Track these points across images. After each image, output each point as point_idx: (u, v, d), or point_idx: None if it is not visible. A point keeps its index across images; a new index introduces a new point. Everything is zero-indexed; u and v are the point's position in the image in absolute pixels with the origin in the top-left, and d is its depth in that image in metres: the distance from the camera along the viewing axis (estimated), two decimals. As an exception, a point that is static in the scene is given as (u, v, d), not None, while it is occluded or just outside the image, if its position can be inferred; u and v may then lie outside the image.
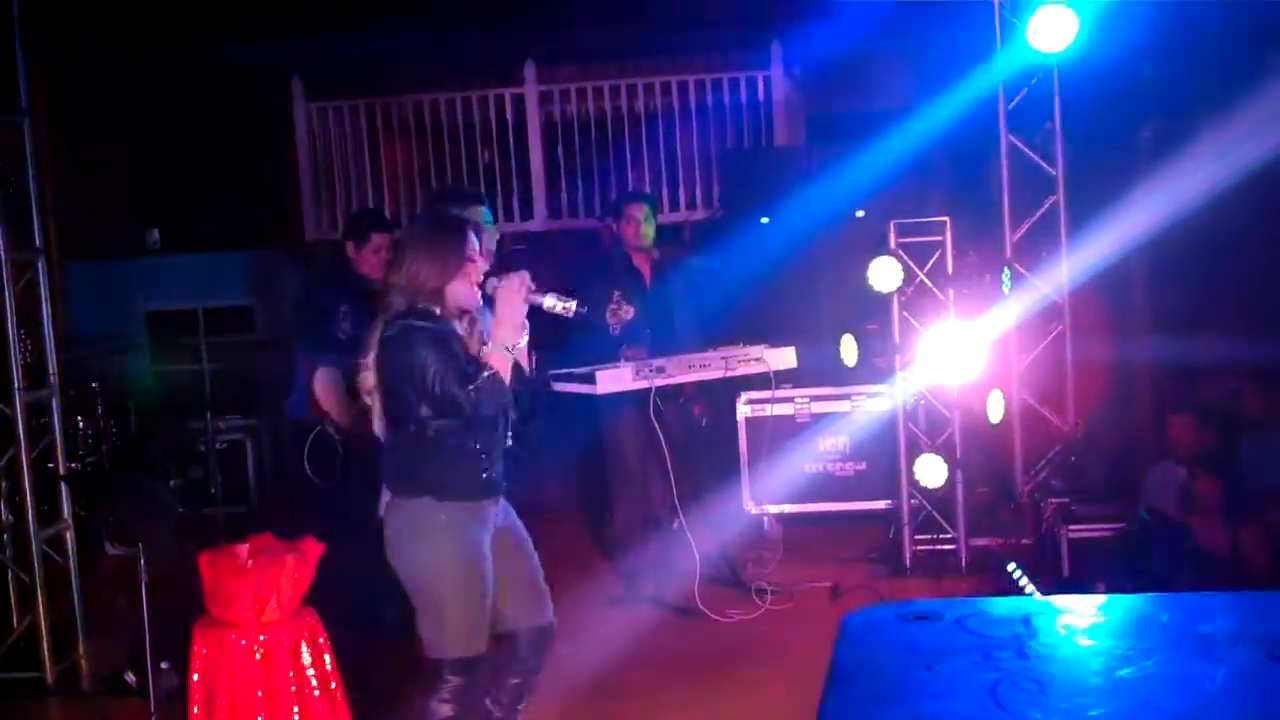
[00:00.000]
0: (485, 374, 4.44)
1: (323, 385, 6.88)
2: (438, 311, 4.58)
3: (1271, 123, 7.49)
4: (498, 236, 6.32)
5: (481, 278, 4.66)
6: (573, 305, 4.67)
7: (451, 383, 4.41)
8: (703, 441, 8.33)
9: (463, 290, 4.61)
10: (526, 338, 4.74)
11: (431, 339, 4.47)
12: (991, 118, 8.68)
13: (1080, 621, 3.45)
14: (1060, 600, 3.68)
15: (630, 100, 12.30)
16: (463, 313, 4.70)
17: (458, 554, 4.63)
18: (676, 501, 7.27)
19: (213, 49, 11.38)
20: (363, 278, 6.93)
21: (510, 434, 4.82)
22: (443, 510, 4.60)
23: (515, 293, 4.58)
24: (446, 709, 4.67)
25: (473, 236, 4.68)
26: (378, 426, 4.69)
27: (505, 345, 4.55)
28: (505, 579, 4.80)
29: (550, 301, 4.65)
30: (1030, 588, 7.32)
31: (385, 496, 4.77)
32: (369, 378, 4.64)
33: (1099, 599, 3.71)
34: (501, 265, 11.11)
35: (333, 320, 6.91)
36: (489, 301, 4.68)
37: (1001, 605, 3.67)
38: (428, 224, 4.92)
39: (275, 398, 7.67)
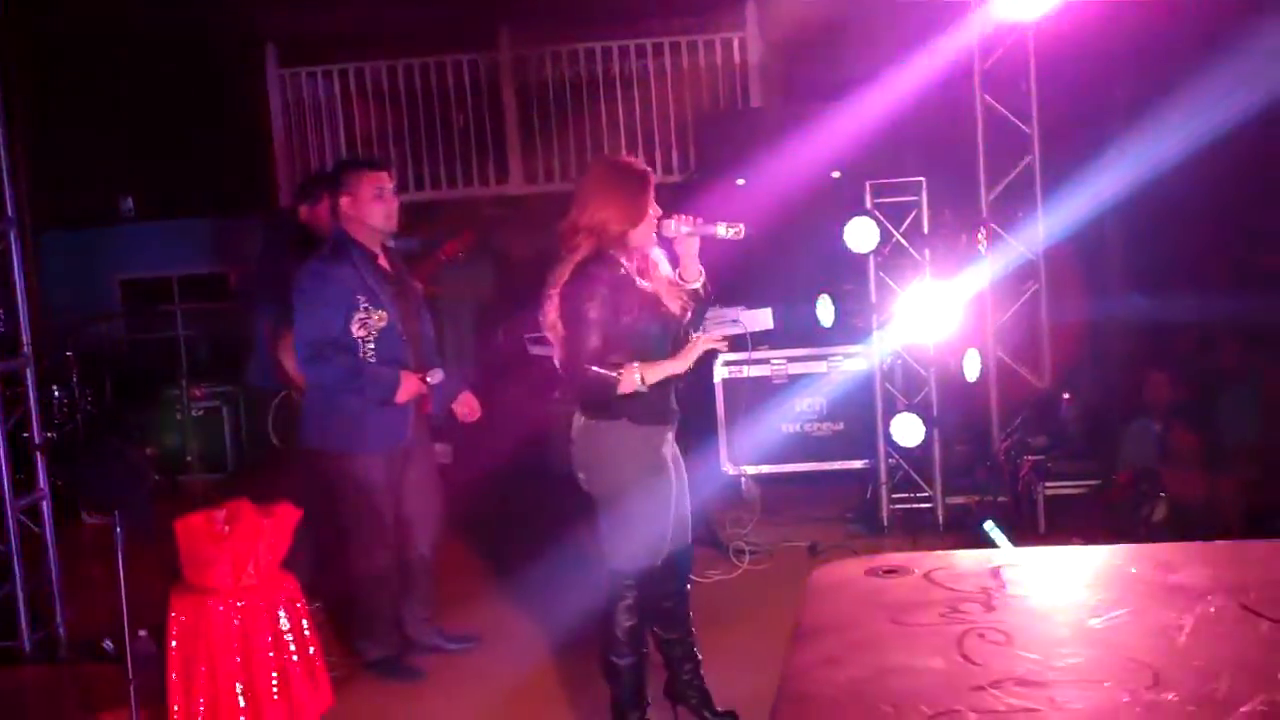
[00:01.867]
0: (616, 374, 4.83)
1: (287, 351, 6.86)
2: (619, 258, 4.93)
3: (1246, 82, 7.51)
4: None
5: (657, 221, 4.98)
6: (741, 227, 4.95)
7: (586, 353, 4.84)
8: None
9: (644, 233, 4.96)
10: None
11: (603, 295, 4.84)
12: (966, 78, 8.68)
13: (1048, 573, 3.47)
14: (1029, 552, 3.70)
15: (605, 63, 12.27)
16: (642, 254, 5.05)
17: (650, 471, 5.01)
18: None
19: (185, 14, 11.30)
20: (317, 237, 6.91)
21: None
22: (638, 432, 4.97)
23: (691, 231, 4.95)
24: (629, 619, 5.04)
25: (650, 182, 5.01)
26: (558, 357, 5.05)
27: (697, 280, 5.05)
28: None
29: (722, 230, 4.94)
30: (1006, 545, 7.34)
31: (578, 420, 5.08)
32: (550, 311, 4.98)
33: (1068, 550, 3.73)
34: (479, 229, 11.10)
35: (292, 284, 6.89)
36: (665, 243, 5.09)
37: (969, 558, 3.68)
38: (613, 172, 5.13)
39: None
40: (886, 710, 2.62)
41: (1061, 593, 3.31)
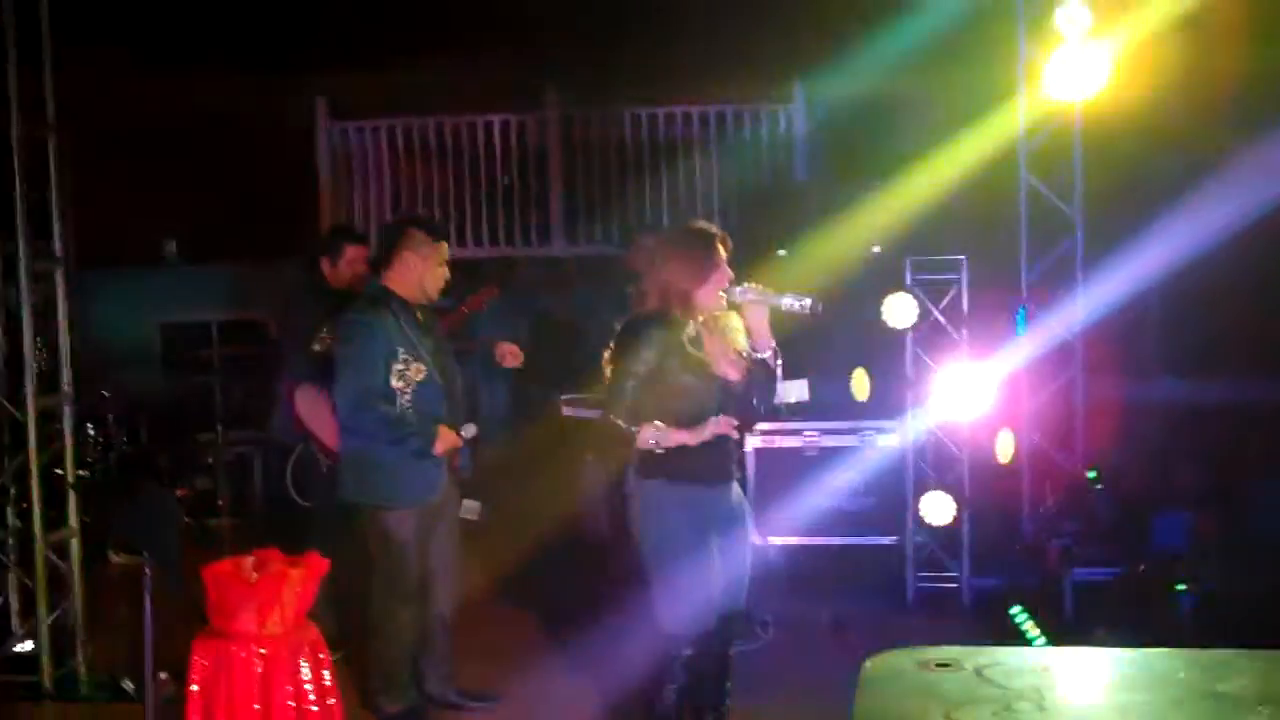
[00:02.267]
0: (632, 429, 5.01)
1: (305, 404, 6.90)
2: (677, 315, 5.05)
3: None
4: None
5: (726, 284, 5.04)
6: (809, 301, 4.90)
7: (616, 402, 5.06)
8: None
9: (709, 295, 5.03)
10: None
11: (649, 348, 5.01)
12: (1010, 157, 8.70)
13: (1098, 674, 3.43)
14: (1080, 652, 3.66)
15: (652, 130, 12.33)
16: (711, 318, 5.12)
17: (690, 530, 5.05)
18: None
19: (240, 70, 11.44)
20: (342, 294, 6.97)
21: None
22: (675, 490, 5.05)
23: (757, 298, 4.99)
24: (676, 683, 5.09)
25: (720, 248, 5.10)
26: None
27: (766, 351, 5.09)
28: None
29: (788, 301, 4.92)
30: (1033, 630, 7.29)
31: (631, 476, 5.18)
32: (605, 359, 5.19)
33: (1118, 652, 3.69)
34: (517, 289, 11.15)
35: (313, 338, 6.94)
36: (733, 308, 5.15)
37: (1021, 656, 3.65)
38: (683, 235, 5.27)
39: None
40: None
41: (1113, 696, 3.28)
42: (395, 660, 6.21)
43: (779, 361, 5.20)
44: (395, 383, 5.96)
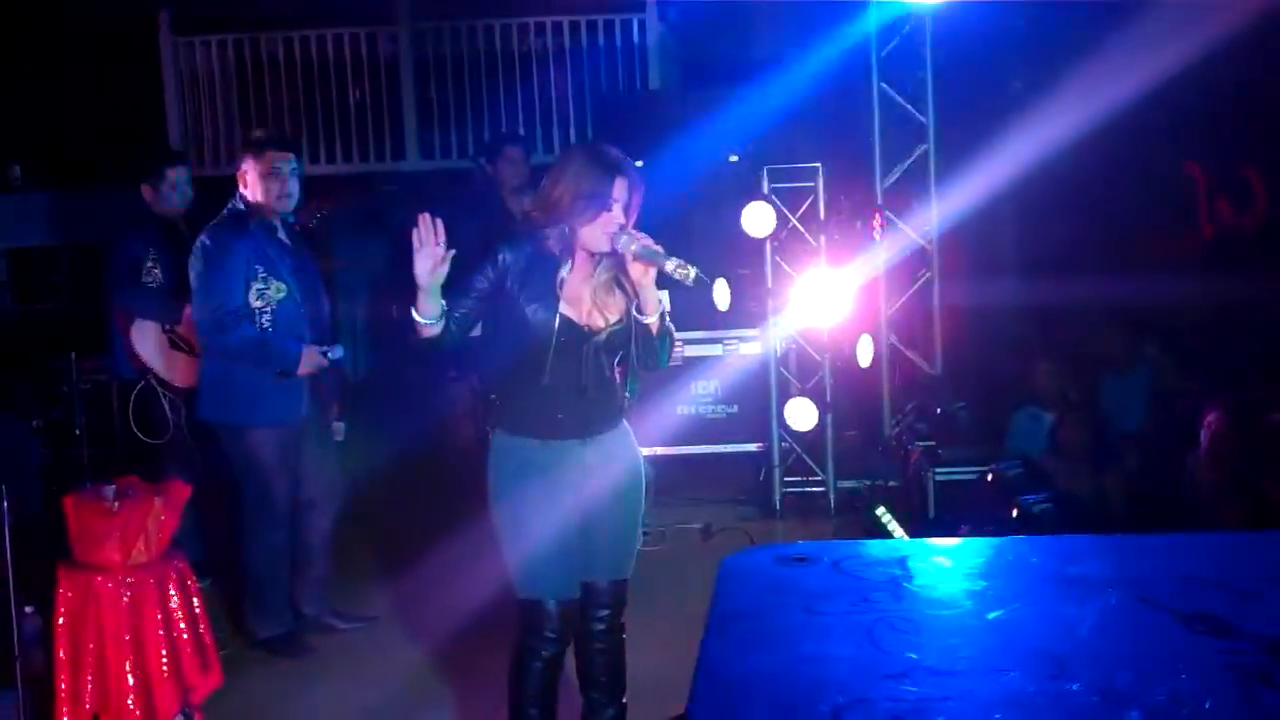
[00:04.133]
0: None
1: (141, 338, 6.78)
2: (555, 246, 4.33)
3: (1133, 71, 7.62)
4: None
5: (616, 228, 4.27)
6: (693, 271, 4.13)
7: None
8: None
9: (595, 236, 4.30)
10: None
11: (506, 257, 4.33)
12: (864, 65, 8.75)
13: (953, 563, 3.51)
14: (935, 543, 3.74)
15: (504, 41, 12.19)
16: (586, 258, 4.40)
17: (519, 488, 4.43)
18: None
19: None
20: (164, 218, 6.84)
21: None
22: (509, 443, 4.44)
23: (640, 250, 4.21)
24: (533, 661, 4.42)
25: (620, 182, 4.31)
26: None
27: (653, 315, 4.36)
28: None
29: (670, 265, 4.16)
30: (898, 530, 7.43)
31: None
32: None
33: (971, 541, 3.78)
34: (373, 202, 10.99)
35: (140, 269, 6.80)
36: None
37: (877, 548, 3.72)
38: (582, 155, 4.46)
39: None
40: (801, 698, 2.64)
41: (968, 583, 3.35)
42: (266, 583, 6.16)
43: (670, 325, 4.44)
44: (255, 301, 5.89)
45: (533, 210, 4.49)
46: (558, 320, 4.31)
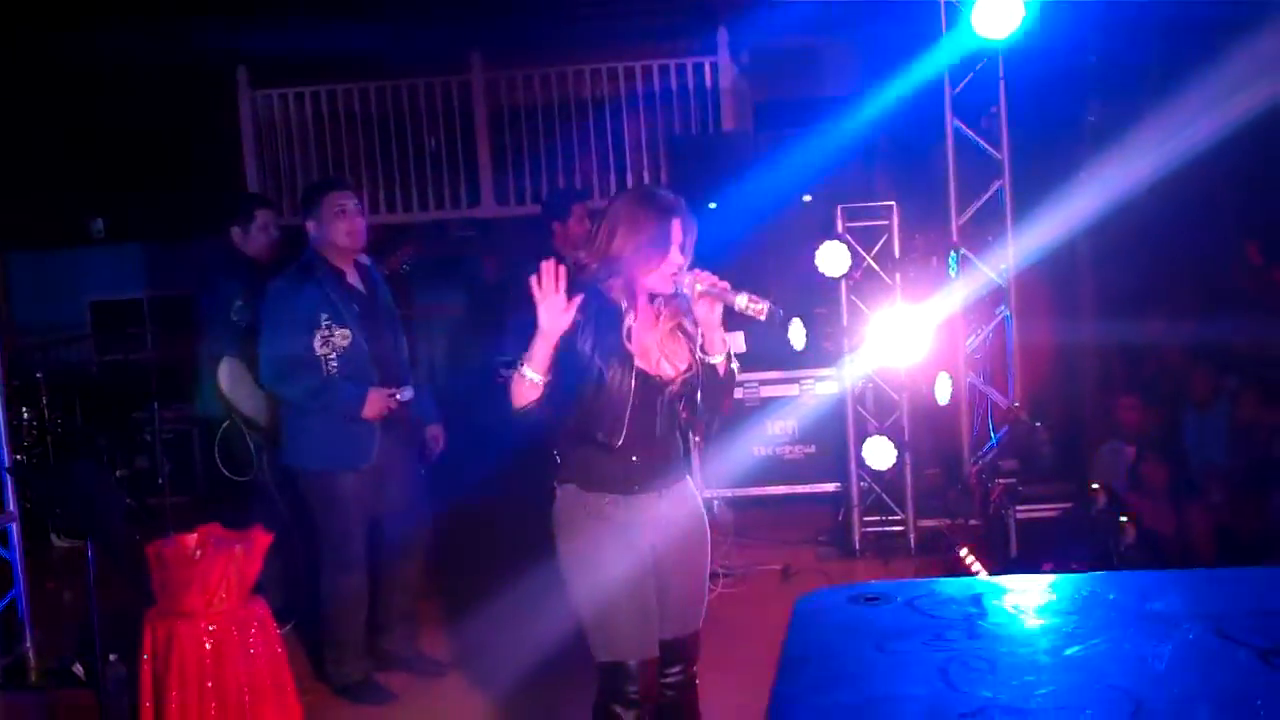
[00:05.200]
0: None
1: (227, 378, 6.85)
2: (620, 298, 4.24)
3: (1213, 107, 7.56)
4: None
5: (678, 271, 4.18)
6: (766, 306, 4.06)
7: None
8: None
9: (659, 281, 4.21)
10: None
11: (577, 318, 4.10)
12: (937, 103, 8.72)
13: (1029, 601, 3.47)
14: (1009, 580, 3.71)
15: (577, 87, 12.29)
16: (652, 297, 4.30)
17: (593, 546, 4.30)
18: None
19: (156, 34, 11.25)
20: (254, 261, 6.94)
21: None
22: (583, 499, 4.30)
23: (706, 290, 4.12)
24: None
25: (677, 225, 4.22)
26: None
27: (718, 355, 4.25)
28: None
29: (742, 301, 4.07)
30: (979, 568, 7.37)
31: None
32: None
33: (1047, 578, 3.74)
34: (450, 248, 11.03)
35: (230, 308, 6.89)
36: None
37: (951, 586, 3.68)
38: (636, 201, 4.35)
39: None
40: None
41: (1043, 620, 3.32)
42: (342, 628, 6.19)
43: (734, 365, 4.32)
44: (320, 349, 5.95)
45: (589, 261, 4.30)
46: (635, 377, 4.20)
